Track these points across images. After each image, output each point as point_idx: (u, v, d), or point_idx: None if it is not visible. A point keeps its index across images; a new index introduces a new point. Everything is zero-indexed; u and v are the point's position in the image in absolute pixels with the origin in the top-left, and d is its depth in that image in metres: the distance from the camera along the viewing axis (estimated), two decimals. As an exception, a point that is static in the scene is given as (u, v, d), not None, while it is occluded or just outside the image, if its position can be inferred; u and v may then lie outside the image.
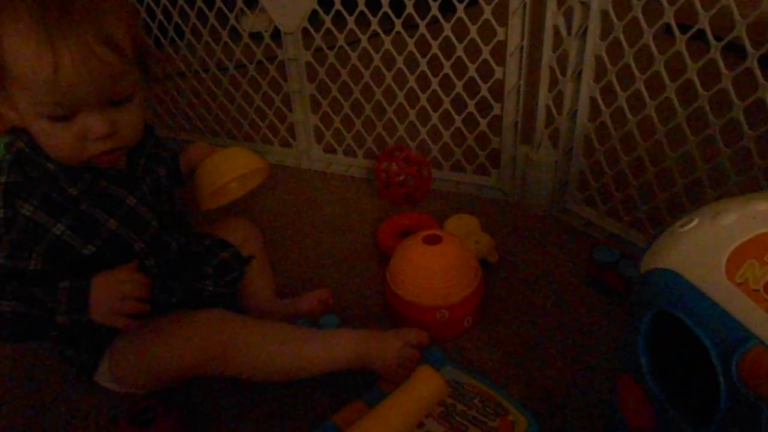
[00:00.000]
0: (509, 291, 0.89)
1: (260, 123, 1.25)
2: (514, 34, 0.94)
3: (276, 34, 1.13)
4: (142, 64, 0.65)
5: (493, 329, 0.83)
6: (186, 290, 0.77)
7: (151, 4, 1.21)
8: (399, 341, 0.72)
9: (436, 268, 0.80)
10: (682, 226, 0.47)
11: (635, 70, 0.83)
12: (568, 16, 0.88)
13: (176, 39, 1.25)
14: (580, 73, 0.89)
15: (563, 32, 0.89)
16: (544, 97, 0.96)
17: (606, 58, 0.86)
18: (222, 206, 0.87)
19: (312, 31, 1.10)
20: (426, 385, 0.63)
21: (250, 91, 1.22)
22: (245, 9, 1.13)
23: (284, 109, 1.21)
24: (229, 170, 0.81)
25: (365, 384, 0.72)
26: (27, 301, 0.62)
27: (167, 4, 1.19)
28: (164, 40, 1.25)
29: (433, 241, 0.82)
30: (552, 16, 0.89)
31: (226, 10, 1.15)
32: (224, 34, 1.17)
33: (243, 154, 0.84)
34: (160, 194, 0.74)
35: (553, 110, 0.96)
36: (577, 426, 0.69)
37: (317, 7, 1.07)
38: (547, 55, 0.92)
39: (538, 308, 0.86)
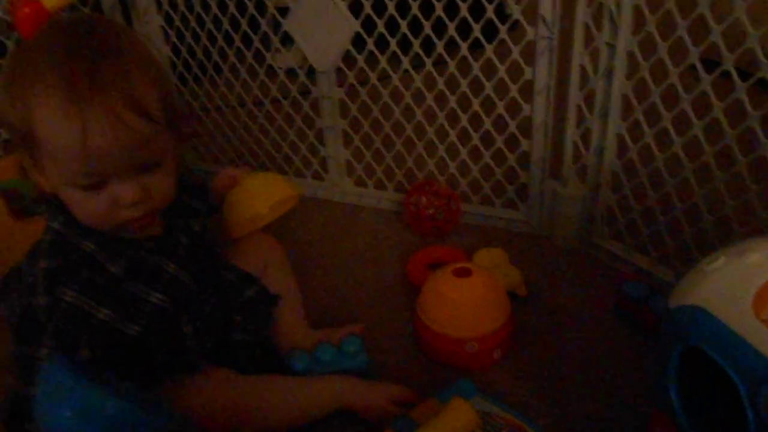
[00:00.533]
0: (538, 324, 0.90)
1: (293, 157, 1.30)
2: (541, 74, 0.97)
3: (311, 72, 1.18)
4: (173, 125, 0.64)
5: (521, 362, 0.84)
6: (217, 345, 0.75)
7: (192, 43, 1.27)
8: (384, 397, 0.74)
9: (466, 300, 0.82)
10: (709, 263, 0.49)
11: (662, 109, 0.85)
12: (594, 56, 0.90)
13: (215, 76, 1.30)
14: (607, 111, 0.92)
15: (590, 72, 0.92)
16: (571, 133, 0.98)
17: (632, 97, 0.88)
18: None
19: (345, 68, 1.14)
20: (458, 417, 0.65)
21: (285, 126, 1.26)
22: (281, 47, 1.18)
23: (317, 143, 1.25)
24: (261, 199, 0.79)
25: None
26: None
27: (207, 43, 1.25)
28: (203, 76, 1.31)
29: (463, 273, 0.84)
30: (578, 56, 0.92)
31: (263, 49, 1.20)
32: (261, 72, 1.22)
33: (274, 182, 0.83)
34: (196, 250, 0.73)
35: (581, 147, 0.98)
36: (607, 461, 0.70)
37: (350, 47, 1.11)
38: (574, 94, 0.95)
39: (567, 342, 0.87)
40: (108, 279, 0.63)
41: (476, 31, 0.99)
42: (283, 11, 1.14)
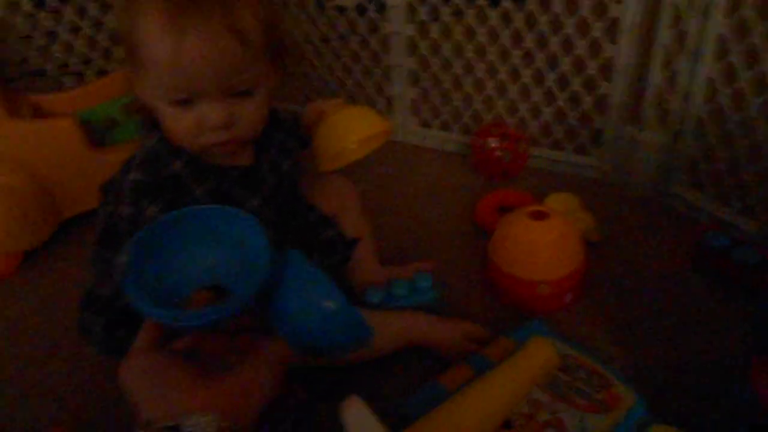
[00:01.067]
0: (611, 271, 0.89)
1: (358, 95, 1.28)
2: (629, 12, 0.92)
3: (380, 7, 1.15)
4: (274, 56, 0.63)
5: (594, 307, 0.83)
6: None
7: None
8: (458, 333, 0.75)
9: (541, 242, 0.81)
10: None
11: (760, 52, 0.80)
12: (690, -7, 0.85)
13: (281, 11, 1.28)
14: (698, 52, 0.87)
15: (683, 10, 0.87)
16: (656, 76, 0.94)
17: (729, 38, 0.83)
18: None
19: (416, 5, 1.11)
20: (539, 355, 0.65)
21: (350, 63, 1.24)
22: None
23: (383, 81, 1.23)
24: (351, 132, 0.77)
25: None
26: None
27: None
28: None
29: (539, 216, 0.83)
30: (672, -8, 0.87)
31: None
32: (329, 7, 1.20)
33: (364, 115, 0.80)
34: (282, 188, 0.73)
35: (665, 90, 0.94)
36: (682, 405, 0.69)
37: (424, -19, 1.08)
38: (664, 33, 0.90)
39: (640, 290, 0.85)
40: (191, 201, 0.63)
41: (560, -36, 0.95)
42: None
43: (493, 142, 1.10)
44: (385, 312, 0.77)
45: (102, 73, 1.31)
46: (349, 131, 0.76)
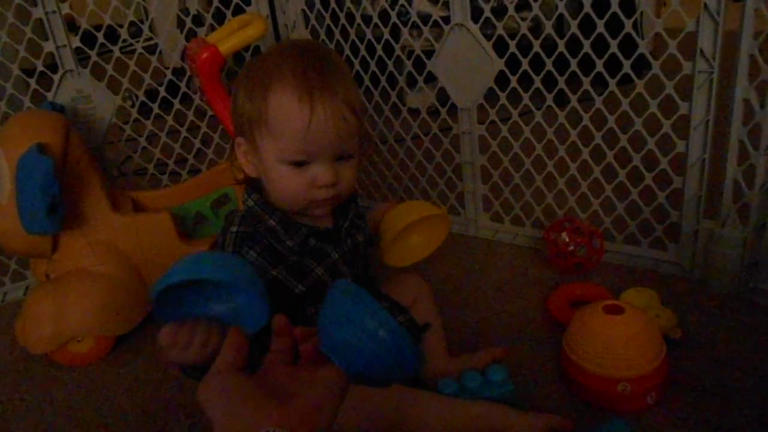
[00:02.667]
0: (697, 371, 0.85)
1: (431, 192, 1.33)
2: (699, 108, 0.93)
3: (452, 108, 1.21)
4: (361, 131, 0.74)
5: (679, 410, 0.79)
6: None
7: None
8: (542, 425, 0.74)
9: (619, 338, 0.79)
10: None
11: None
12: (760, 89, 0.86)
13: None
14: (774, 146, 0.87)
15: (755, 106, 0.87)
16: (732, 171, 0.93)
17: (806, 132, 0.83)
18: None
19: (486, 105, 1.17)
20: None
21: (424, 161, 1.30)
22: (424, 87, 1.23)
23: (455, 178, 1.28)
24: (407, 216, 0.85)
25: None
26: None
27: (369, 84, 1.31)
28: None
29: (615, 310, 0.82)
30: (743, 90, 0.88)
31: (406, 89, 1.26)
32: (404, 110, 1.27)
33: (422, 204, 0.90)
34: (358, 258, 0.81)
35: (743, 185, 0.93)
36: None
37: (493, 85, 1.13)
38: (737, 129, 0.90)
39: (731, 393, 0.81)
40: (284, 249, 0.73)
41: (626, 66, 0.98)
42: (429, 53, 1.19)
43: (566, 237, 1.10)
44: (461, 399, 0.77)
45: (194, 172, 1.42)
46: (402, 217, 0.85)
